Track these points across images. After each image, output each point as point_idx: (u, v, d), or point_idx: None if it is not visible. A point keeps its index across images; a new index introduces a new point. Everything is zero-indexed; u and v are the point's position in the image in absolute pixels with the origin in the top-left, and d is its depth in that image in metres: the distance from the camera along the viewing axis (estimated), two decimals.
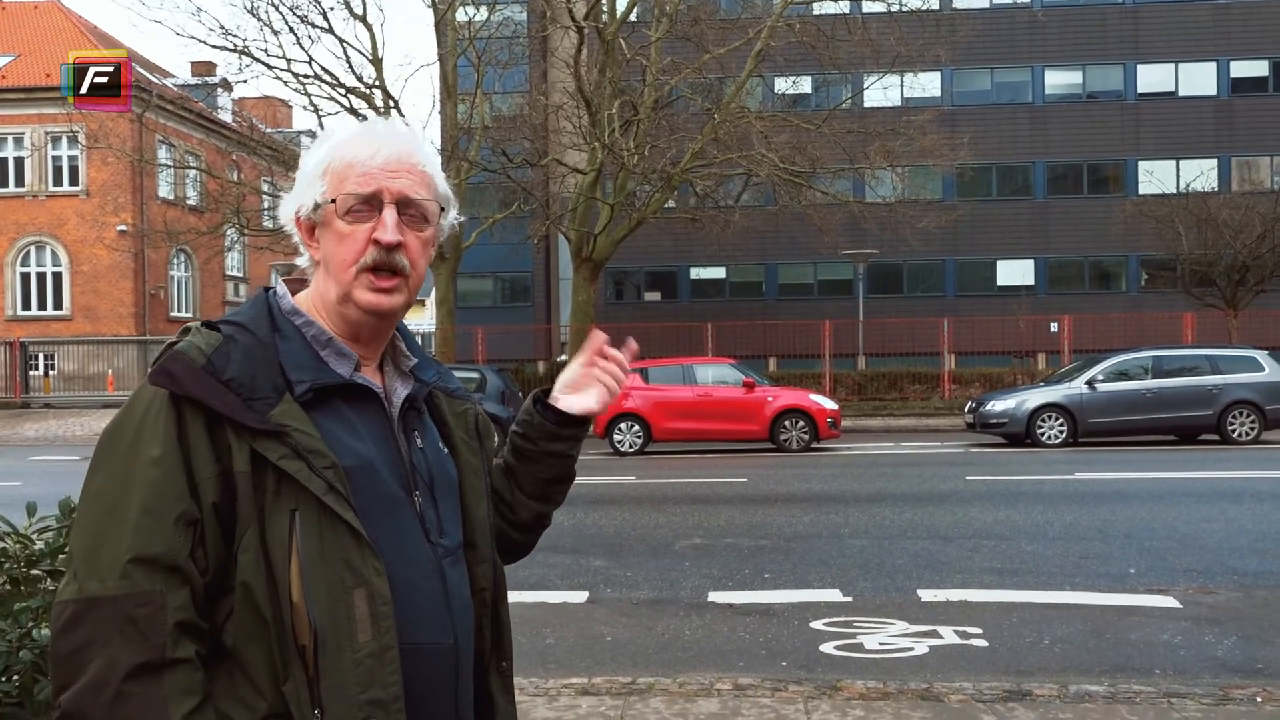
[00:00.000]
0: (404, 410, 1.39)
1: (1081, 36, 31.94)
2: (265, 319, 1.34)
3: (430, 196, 1.36)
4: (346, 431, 1.30)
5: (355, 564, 1.23)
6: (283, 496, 1.23)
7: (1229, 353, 17.59)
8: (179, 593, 1.19)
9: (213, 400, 1.23)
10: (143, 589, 1.17)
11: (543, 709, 4.34)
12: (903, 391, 25.01)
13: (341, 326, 1.36)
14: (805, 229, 25.50)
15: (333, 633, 1.21)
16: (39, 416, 25.16)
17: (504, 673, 1.47)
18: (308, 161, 1.37)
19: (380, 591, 1.24)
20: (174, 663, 1.17)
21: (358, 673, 1.22)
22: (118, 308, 30.93)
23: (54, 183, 31.01)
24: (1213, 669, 5.01)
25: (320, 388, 1.30)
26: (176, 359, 1.25)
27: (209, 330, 1.30)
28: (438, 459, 1.41)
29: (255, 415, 1.23)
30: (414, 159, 1.36)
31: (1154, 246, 27.99)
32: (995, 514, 9.62)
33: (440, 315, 25.00)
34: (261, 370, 1.27)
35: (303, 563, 1.21)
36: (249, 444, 1.23)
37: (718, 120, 21.97)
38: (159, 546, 1.18)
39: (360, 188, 1.32)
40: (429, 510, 1.36)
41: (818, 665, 5.17)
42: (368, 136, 1.36)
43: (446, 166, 23.48)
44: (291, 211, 1.38)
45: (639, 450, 16.55)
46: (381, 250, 1.32)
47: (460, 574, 1.38)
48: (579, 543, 8.30)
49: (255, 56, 22.57)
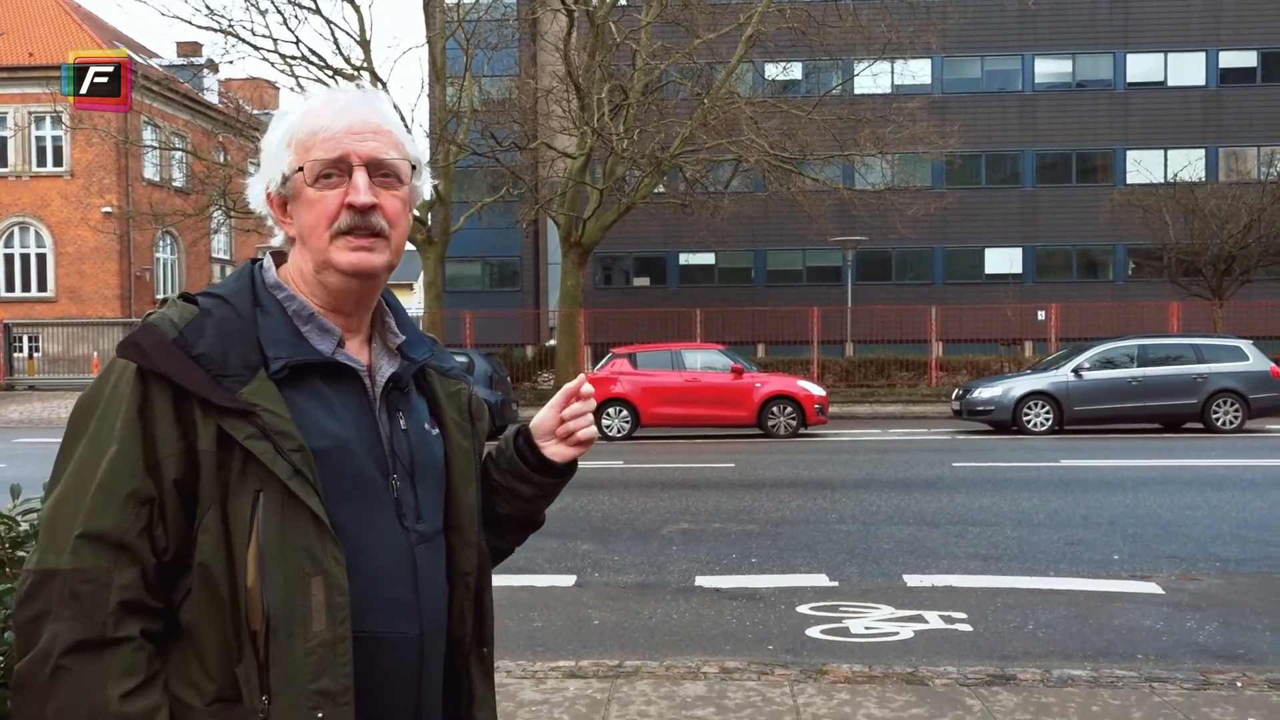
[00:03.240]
0: (388, 389, 1.35)
1: (1072, 25, 31.95)
2: (248, 292, 1.30)
3: (401, 156, 1.33)
4: (323, 411, 1.26)
5: (315, 551, 1.20)
6: (248, 477, 1.20)
7: (1214, 342, 17.70)
8: (126, 571, 1.17)
9: (179, 375, 1.20)
10: (88, 565, 1.16)
11: (530, 691, 4.35)
12: (890, 378, 25.08)
13: (323, 298, 1.33)
14: (794, 215, 25.49)
15: (286, 620, 1.19)
16: (23, 399, 24.99)
17: (484, 659, 1.44)
18: (272, 136, 1.34)
19: (338, 581, 1.20)
20: (115, 641, 1.15)
21: (309, 662, 1.19)
22: (103, 290, 30.70)
23: (38, 163, 30.72)
24: (1194, 654, 5.06)
25: (297, 365, 1.26)
26: (146, 331, 1.23)
27: (185, 303, 1.27)
28: (422, 441, 1.37)
29: (223, 392, 1.20)
30: (379, 121, 1.32)
31: (1141, 236, 28.10)
32: (981, 500, 9.67)
33: (428, 299, 24.90)
34: (235, 345, 1.23)
35: (261, 547, 1.18)
36: (216, 422, 1.20)
37: (707, 105, 21.90)
38: (107, 523, 1.17)
39: (327, 153, 1.29)
40: (406, 494, 1.32)
41: (804, 649, 5.20)
42: (330, 103, 1.33)
43: (435, 150, 23.39)
44: (261, 190, 1.35)
45: (627, 435, 16.57)
46: (356, 214, 1.28)
47: (434, 560, 1.35)
48: (567, 527, 8.32)
49: (241, 37, 22.34)
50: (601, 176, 23.27)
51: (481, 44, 23.78)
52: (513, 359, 25.98)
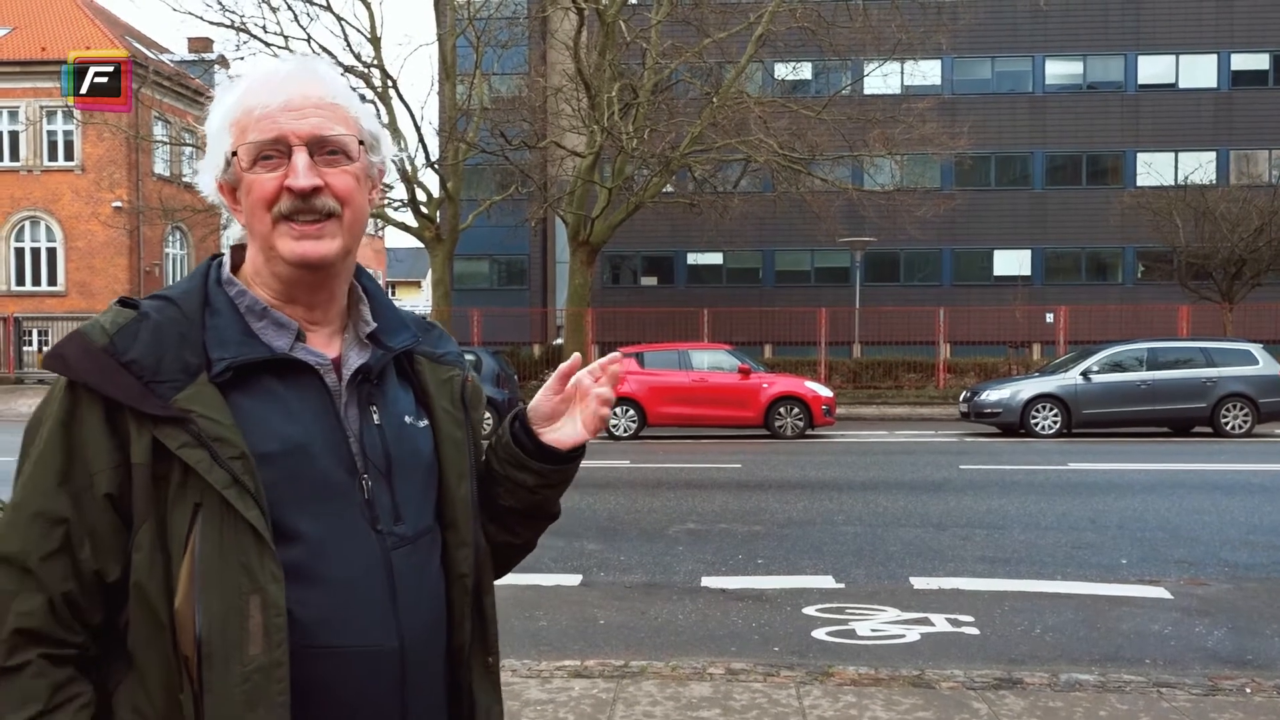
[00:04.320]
0: (356, 382, 1.25)
1: (1083, 26, 31.84)
2: (199, 291, 1.23)
3: (348, 131, 1.22)
4: (277, 412, 1.18)
5: (253, 567, 1.11)
6: (188, 490, 1.12)
7: (1224, 345, 17.61)
8: (28, 597, 1.10)
9: (106, 385, 1.12)
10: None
11: (535, 691, 4.35)
12: (898, 380, 25.03)
13: (277, 289, 1.24)
14: (803, 216, 25.46)
15: (221, 644, 1.10)
16: (33, 392, 25.09)
17: (490, 669, 1.34)
18: (212, 119, 1.24)
19: (274, 600, 1.11)
20: (6, 671, 1.09)
21: (244, 689, 1.10)
22: (112, 284, 30.79)
23: (49, 157, 30.83)
24: (1203, 659, 5.03)
25: (242, 365, 1.17)
26: (73, 340, 1.16)
27: (122, 307, 1.19)
28: (402, 435, 1.27)
29: (155, 400, 1.12)
30: (320, 93, 1.22)
31: (1151, 238, 28.00)
32: (988, 503, 9.64)
33: (436, 297, 24.94)
34: (173, 349, 1.15)
35: (197, 564, 1.11)
36: (150, 432, 1.12)
37: (717, 105, 21.89)
38: (13, 546, 1.11)
39: (262, 134, 1.19)
40: (381, 495, 1.22)
41: (810, 651, 5.18)
42: (267, 78, 1.23)
43: (444, 147, 23.43)
44: (210, 179, 1.26)
45: (633, 435, 16.56)
46: (295, 197, 1.19)
47: (417, 564, 1.24)
48: (573, 526, 8.31)
49: (253, 33, 22.43)
50: (610, 175, 23.27)
51: (492, 42, 23.82)
52: (520, 357, 26.00)
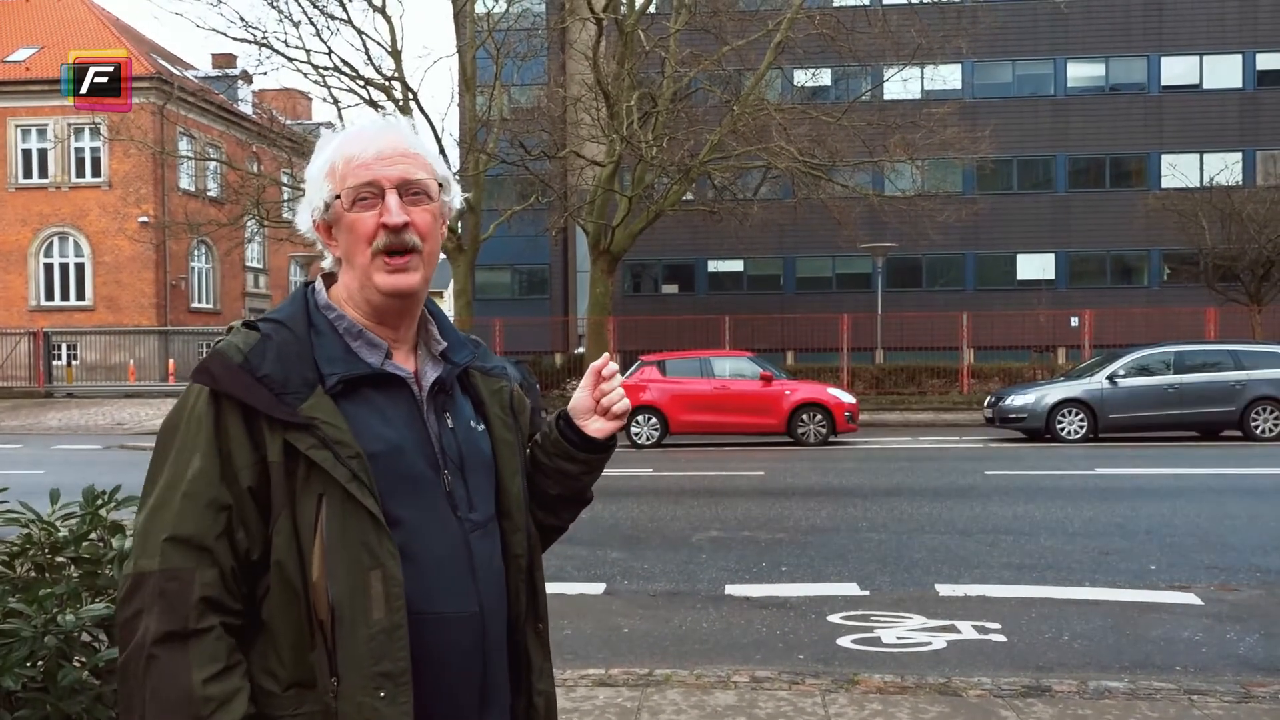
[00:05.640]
0: (434, 393, 1.48)
1: (1105, 28, 31.62)
2: (303, 315, 1.45)
3: (429, 175, 1.47)
4: (376, 418, 1.40)
5: (373, 547, 1.34)
6: (312, 483, 1.34)
7: (1253, 348, 17.39)
8: (208, 570, 1.31)
9: (247, 396, 1.35)
10: (174, 565, 1.31)
11: (560, 699, 4.32)
12: (921, 386, 24.88)
13: (370, 314, 1.46)
14: (824, 222, 25.40)
15: (349, 609, 1.32)
16: (62, 406, 25.40)
17: (540, 633, 1.58)
18: (312, 168, 1.48)
19: (393, 573, 1.34)
20: (197, 632, 1.29)
21: (370, 647, 1.32)
22: (139, 298, 31.17)
23: (76, 174, 31.27)
24: (1234, 666, 4.96)
25: (350, 379, 1.40)
26: (216, 358, 1.38)
27: (248, 330, 1.42)
28: (469, 438, 1.49)
29: (286, 409, 1.35)
30: (406, 146, 1.46)
31: (1177, 241, 27.69)
32: (1014, 509, 9.56)
33: (458, 307, 25.06)
34: (294, 366, 1.38)
35: (325, 544, 1.33)
36: (281, 435, 1.34)
37: (736, 112, 21.89)
38: (191, 528, 1.32)
39: (360, 179, 1.43)
40: (458, 487, 1.45)
41: (835, 659, 5.16)
42: (360, 133, 1.47)
43: (464, 159, 23.56)
44: (308, 218, 1.49)
45: (656, 443, 16.56)
46: (390, 233, 1.42)
47: (489, 546, 1.48)
48: (596, 534, 8.32)
49: (275, 48, 22.64)
50: (630, 184, 23.31)
51: (511, 53, 23.95)
52: (542, 366, 26.06)
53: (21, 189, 31.24)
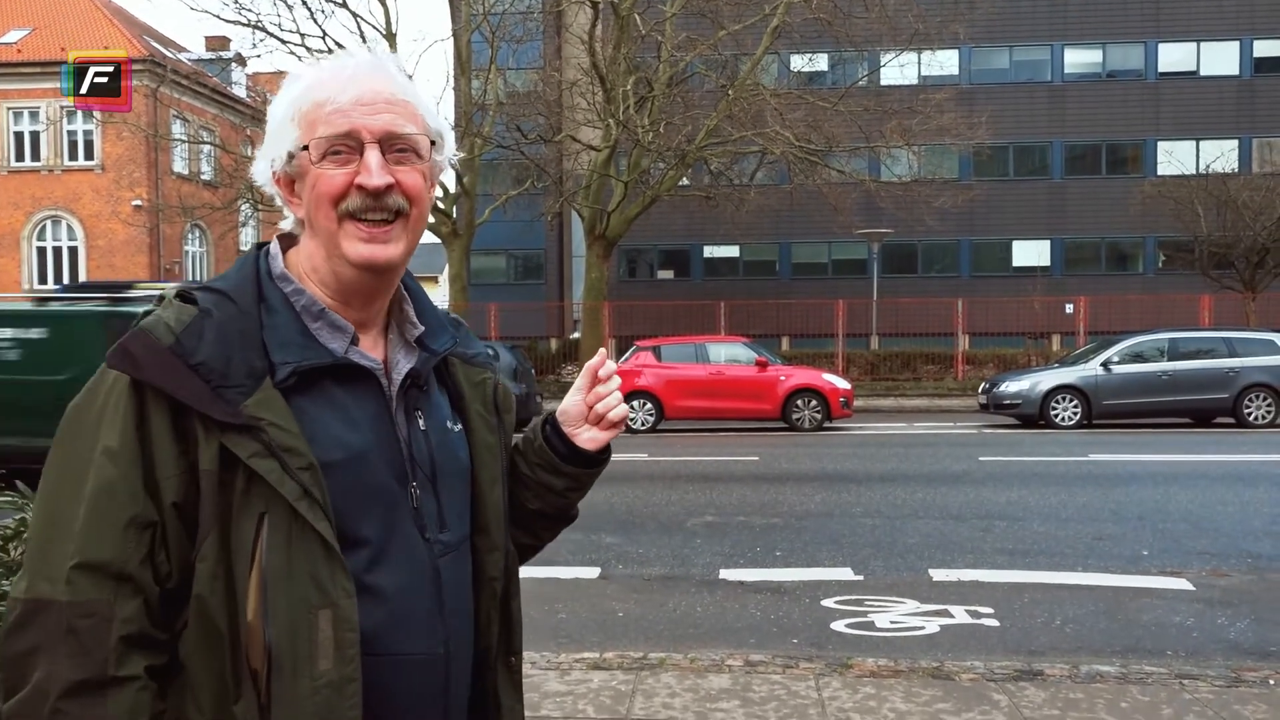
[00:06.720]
0: (405, 387, 1.22)
1: (1102, 14, 31.54)
2: (252, 286, 1.18)
3: (419, 130, 1.19)
4: (337, 418, 1.15)
5: (323, 581, 1.08)
6: (252, 499, 1.08)
7: (1246, 335, 17.44)
8: (129, 603, 1.06)
9: (176, 389, 1.08)
10: (87, 598, 1.04)
11: (554, 683, 4.37)
12: (916, 372, 24.93)
13: (336, 290, 1.20)
14: (820, 208, 25.38)
15: (290, 657, 1.07)
16: None
17: (512, 668, 1.33)
18: (276, 108, 1.20)
19: (346, 614, 1.09)
20: (117, 681, 1.04)
21: (315, 702, 1.07)
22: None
23: (69, 157, 31.09)
24: (1225, 651, 5.00)
25: (305, 370, 1.13)
26: (139, 338, 1.10)
27: (182, 302, 1.14)
28: (444, 441, 1.25)
29: (225, 406, 1.08)
30: (393, 89, 1.18)
31: (1172, 228, 27.72)
32: (1008, 495, 9.60)
33: (453, 292, 25.03)
34: (238, 350, 1.11)
35: (265, 576, 1.07)
36: (218, 438, 1.08)
37: (733, 97, 21.84)
38: (107, 553, 1.05)
39: (334, 128, 1.15)
40: (428, 503, 1.20)
41: (829, 643, 5.19)
42: (338, 71, 1.18)
43: (460, 143, 23.46)
44: (266, 168, 1.21)
45: (651, 428, 16.58)
46: (368, 196, 1.15)
47: (459, 572, 1.24)
48: (591, 519, 8.33)
49: (269, 31, 22.55)
50: (626, 169, 23.26)
51: (507, 37, 23.84)
52: (537, 352, 26.05)
53: (14, 172, 31.06)
